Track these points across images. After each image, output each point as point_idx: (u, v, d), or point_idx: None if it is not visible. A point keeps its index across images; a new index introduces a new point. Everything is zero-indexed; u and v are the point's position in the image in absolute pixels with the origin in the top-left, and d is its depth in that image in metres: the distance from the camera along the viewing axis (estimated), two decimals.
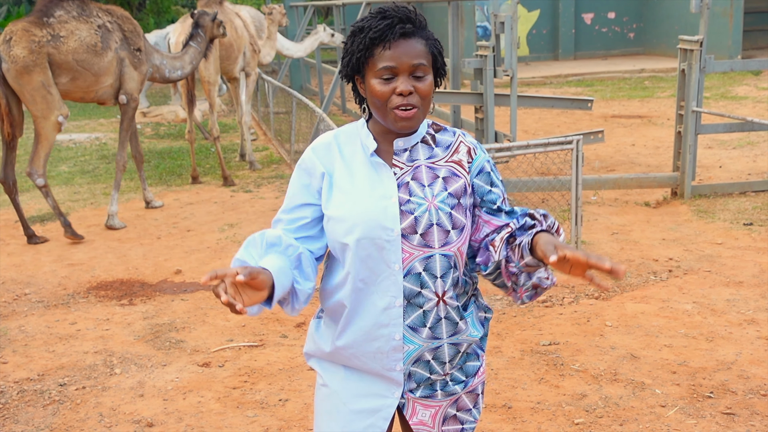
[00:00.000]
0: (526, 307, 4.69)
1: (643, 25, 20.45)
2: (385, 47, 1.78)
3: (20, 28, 6.16)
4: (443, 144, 1.91)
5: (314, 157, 1.90)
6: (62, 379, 4.00)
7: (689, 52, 6.70)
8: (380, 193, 1.83)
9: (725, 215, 6.32)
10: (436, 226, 1.82)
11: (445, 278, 1.85)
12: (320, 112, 7.49)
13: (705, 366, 3.85)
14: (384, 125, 1.85)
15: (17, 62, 6.08)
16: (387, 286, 1.84)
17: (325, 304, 1.96)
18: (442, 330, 1.88)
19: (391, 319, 1.85)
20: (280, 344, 4.33)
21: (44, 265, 5.83)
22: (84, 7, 6.51)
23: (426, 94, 1.81)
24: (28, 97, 6.19)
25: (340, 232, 1.83)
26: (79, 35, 6.35)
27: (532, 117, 11.97)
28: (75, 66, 6.34)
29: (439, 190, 1.84)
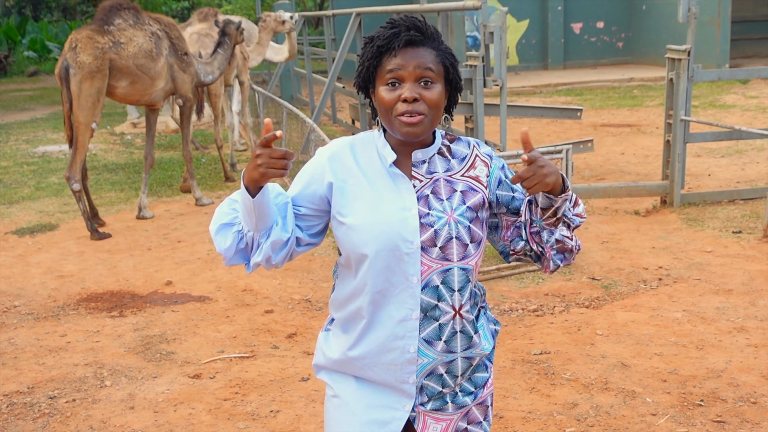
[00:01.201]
0: (517, 316, 4.70)
1: (632, 34, 20.57)
2: (392, 54, 1.78)
3: (84, 36, 6.58)
4: (459, 155, 1.90)
5: (327, 164, 1.88)
6: (52, 391, 3.98)
7: (677, 62, 6.74)
8: (400, 204, 1.82)
9: (714, 223, 6.35)
10: (455, 239, 1.82)
11: (462, 292, 1.85)
12: (311, 123, 7.50)
13: (695, 374, 3.86)
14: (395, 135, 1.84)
15: (83, 68, 6.49)
16: (404, 299, 1.83)
17: (337, 314, 1.95)
18: (457, 344, 1.88)
19: (407, 331, 1.84)
20: (271, 355, 4.32)
21: (34, 277, 5.80)
22: (138, 15, 7.03)
23: (433, 103, 1.78)
24: (81, 101, 6.56)
25: (358, 242, 1.81)
26: (137, 41, 6.85)
27: (521, 126, 12.01)
28: (134, 70, 6.82)
29: (458, 203, 1.84)
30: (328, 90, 10.44)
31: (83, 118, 6.59)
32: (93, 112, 6.62)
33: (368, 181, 1.85)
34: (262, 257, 1.82)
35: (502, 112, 6.80)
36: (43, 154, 11.21)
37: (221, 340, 4.55)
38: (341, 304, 1.93)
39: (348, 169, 1.87)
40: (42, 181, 9.23)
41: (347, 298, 1.90)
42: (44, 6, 40.58)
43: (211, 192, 8.31)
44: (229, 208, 1.87)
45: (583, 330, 4.46)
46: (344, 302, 1.91)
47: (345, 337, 1.92)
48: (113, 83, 6.78)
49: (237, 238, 1.83)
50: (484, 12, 6.47)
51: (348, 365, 1.92)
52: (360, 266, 1.84)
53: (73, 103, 6.57)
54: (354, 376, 1.93)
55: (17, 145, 12.14)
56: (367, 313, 1.85)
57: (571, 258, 1.90)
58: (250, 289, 5.33)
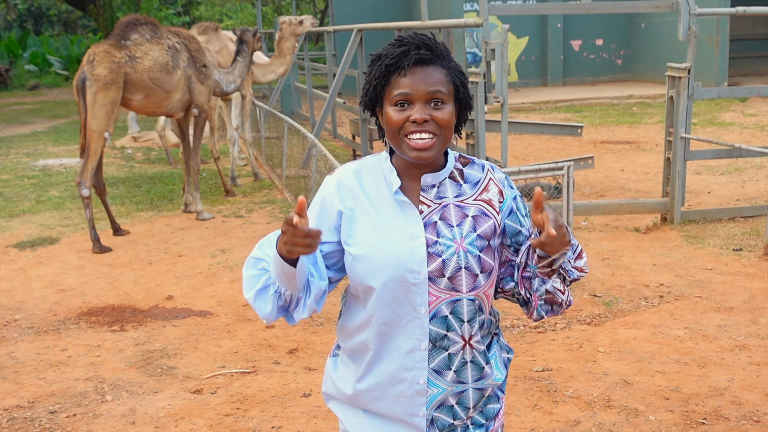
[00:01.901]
0: (518, 333, 4.70)
1: (631, 51, 20.68)
2: (401, 74, 1.72)
3: (102, 50, 6.83)
4: (471, 180, 1.83)
5: (335, 193, 1.83)
6: (53, 406, 3.97)
7: (677, 79, 6.78)
8: (407, 233, 1.76)
9: (715, 241, 6.36)
10: (465, 269, 1.75)
11: (472, 323, 1.80)
12: (312, 138, 7.52)
13: (698, 392, 3.86)
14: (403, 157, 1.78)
15: (99, 80, 6.72)
16: (412, 329, 1.78)
17: (344, 343, 1.91)
18: (468, 374, 1.83)
19: (415, 362, 1.79)
20: (272, 371, 4.31)
21: (34, 291, 5.79)
22: (155, 30, 7.23)
23: (444, 124, 1.73)
24: (95, 111, 6.77)
25: (364, 274, 1.77)
26: (152, 56, 7.05)
27: (521, 143, 12.05)
28: (149, 84, 7.02)
29: (468, 230, 1.77)
30: (328, 105, 10.48)
31: (96, 126, 6.78)
32: (106, 121, 6.79)
33: (374, 209, 1.80)
34: (307, 313, 1.79)
35: (503, 129, 6.83)
36: (44, 167, 11.22)
37: (222, 355, 4.54)
38: (348, 335, 1.88)
39: (355, 196, 1.82)
40: (42, 194, 9.24)
41: (354, 329, 1.85)
42: (46, 20, 40.77)
43: (211, 206, 8.31)
44: (255, 269, 1.80)
45: (584, 347, 4.45)
46: (351, 333, 1.87)
47: (354, 367, 1.88)
48: (129, 96, 6.98)
49: (275, 299, 1.77)
50: (486, 29, 6.51)
51: (357, 398, 1.87)
52: (367, 297, 1.79)
53: (87, 113, 6.78)
54: (363, 410, 1.88)
55: (18, 158, 12.15)
56: (373, 345, 1.81)
57: (559, 312, 1.83)
58: (251, 305, 5.31)
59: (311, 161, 7.33)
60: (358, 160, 1.90)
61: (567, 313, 4.99)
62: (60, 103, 21.41)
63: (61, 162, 11.67)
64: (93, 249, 6.76)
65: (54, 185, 9.80)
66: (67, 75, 29.13)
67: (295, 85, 16.08)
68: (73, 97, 20.70)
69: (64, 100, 22.31)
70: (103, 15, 23.07)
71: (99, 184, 7.21)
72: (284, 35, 9.47)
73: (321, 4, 29.45)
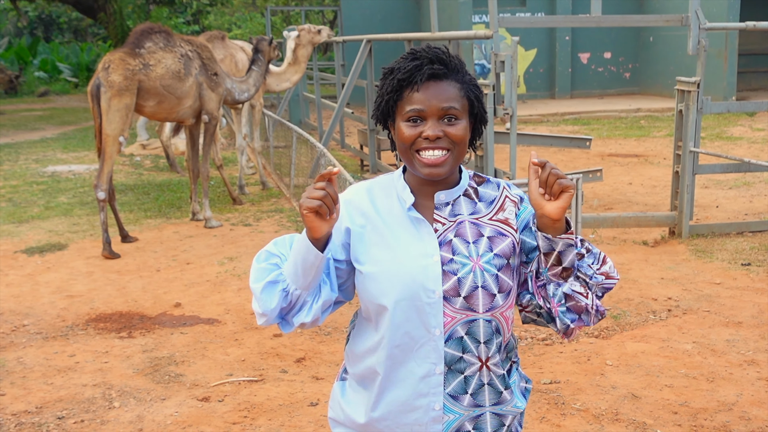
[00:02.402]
0: (526, 345, 4.69)
1: (639, 65, 20.70)
2: (414, 89, 1.68)
3: (117, 58, 7.01)
4: (487, 198, 1.78)
5: (343, 210, 1.76)
6: (60, 412, 3.97)
7: (686, 93, 6.78)
8: (420, 251, 1.70)
9: (723, 255, 6.35)
10: (481, 288, 1.68)
11: (489, 344, 1.72)
12: (321, 147, 7.54)
13: (706, 407, 3.84)
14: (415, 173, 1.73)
15: (113, 86, 6.89)
16: (426, 353, 1.70)
17: (352, 368, 1.84)
18: (485, 397, 1.74)
19: (430, 388, 1.72)
20: (280, 379, 4.31)
21: (43, 297, 5.81)
22: (169, 38, 7.40)
23: (458, 139, 1.68)
24: (110, 116, 6.92)
25: (376, 292, 1.70)
26: (165, 63, 7.20)
27: (529, 155, 12.04)
28: (161, 90, 7.18)
29: (485, 249, 1.70)
30: (337, 115, 10.51)
31: (111, 131, 6.94)
32: (121, 126, 6.95)
33: (387, 227, 1.74)
34: (311, 318, 1.71)
35: (512, 141, 6.84)
36: (53, 173, 11.27)
37: (230, 363, 4.54)
38: (357, 359, 1.81)
39: (365, 214, 1.77)
40: (51, 200, 9.28)
41: (363, 353, 1.79)
42: (56, 27, 41.02)
43: (219, 215, 8.33)
44: (268, 263, 1.74)
45: (592, 360, 4.45)
46: (360, 357, 1.80)
47: (365, 394, 1.80)
48: (142, 102, 7.13)
49: (281, 297, 1.70)
50: (495, 41, 6.53)
51: (369, 428, 1.79)
52: (379, 318, 1.73)
53: (103, 118, 6.93)
54: None
55: (27, 164, 12.21)
56: (383, 369, 1.73)
57: (589, 321, 1.70)
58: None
59: (320, 170, 7.35)
60: (370, 180, 1.86)
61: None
62: (69, 110, 21.53)
63: (70, 168, 11.72)
64: (102, 252, 6.82)
65: (63, 191, 9.84)
66: (76, 82, 29.31)
67: (304, 95, 16.14)
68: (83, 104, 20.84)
69: (73, 107, 22.42)
70: (113, 23, 23.20)
71: (108, 191, 7.24)
72: (302, 42, 9.39)
73: (330, 15, 29.58)
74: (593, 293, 1.71)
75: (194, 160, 7.95)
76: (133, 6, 24.19)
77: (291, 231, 7.52)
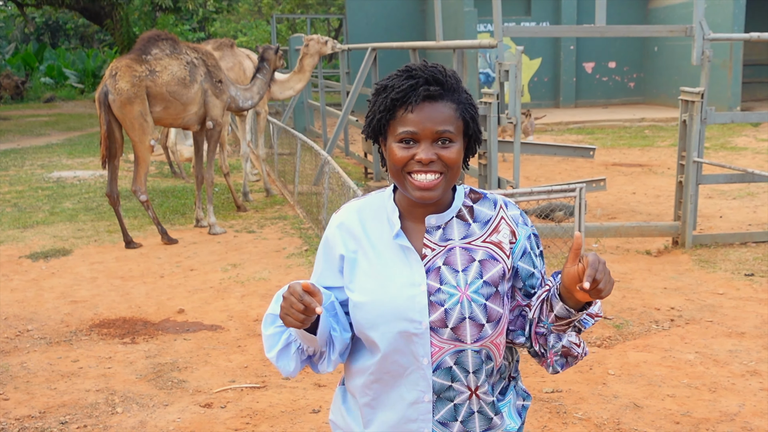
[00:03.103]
0: (527, 354, 4.69)
1: (644, 75, 20.73)
2: (408, 110, 1.62)
3: (124, 65, 7.11)
4: (482, 219, 1.73)
5: (337, 235, 1.76)
6: (63, 417, 3.99)
7: (690, 104, 6.80)
8: (407, 279, 1.67)
9: (726, 265, 6.35)
10: (469, 319, 1.65)
11: (478, 374, 1.70)
12: (325, 155, 7.57)
13: (708, 417, 3.84)
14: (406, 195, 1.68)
15: (121, 94, 7.02)
16: (415, 380, 1.70)
17: (347, 379, 1.84)
18: (475, 424, 1.73)
19: (419, 414, 1.71)
20: (282, 386, 4.32)
21: (47, 302, 5.83)
22: (175, 45, 7.51)
23: (452, 162, 1.64)
24: (128, 124, 7.12)
25: (364, 323, 1.70)
26: (171, 70, 7.31)
27: (533, 164, 12.07)
28: (167, 96, 7.28)
29: (474, 277, 1.67)
30: (341, 123, 10.54)
31: (137, 138, 7.17)
32: (144, 131, 7.15)
33: (375, 252, 1.71)
34: (333, 368, 1.74)
35: (516, 150, 6.85)
36: (58, 179, 11.31)
37: (233, 370, 4.55)
38: (350, 374, 1.81)
39: (356, 239, 1.74)
40: (56, 206, 9.31)
41: (356, 371, 1.78)
42: (62, 33, 41.21)
43: (223, 221, 8.36)
44: (274, 327, 1.75)
45: (594, 369, 4.45)
46: (353, 373, 1.80)
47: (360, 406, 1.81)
48: (149, 108, 7.23)
49: (298, 356, 1.72)
50: (500, 50, 6.55)
51: None
52: (369, 344, 1.73)
53: (125, 128, 7.16)
54: None
55: (32, 169, 12.26)
56: (373, 392, 1.74)
57: (574, 363, 1.73)
58: (261, 320, 5.33)
59: (324, 178, 7.37)
60: (362, 198, 1.82)
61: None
62: (75, 116, 21.61)
63: (75, 174, 11.76)
64: (162, 240, 7.43)
65: (68, 197, 9.88)
66: (82, 88, 29.43)
67: (309, 102, 16.19)
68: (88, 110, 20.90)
69: (79, 113, 22.51)
70: (119, 30, 23.31)
71: (113, 194, 7.32)
72: (309, 52, 9.41)
73: (335, 23, 29.68)
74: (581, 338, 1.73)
75: (198, 166, 7.99)
76: (139, 13, 24.31)
77: (294, 238, 7.54)
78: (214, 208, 8.16)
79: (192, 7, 23.17)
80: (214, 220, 7.90)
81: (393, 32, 20.75)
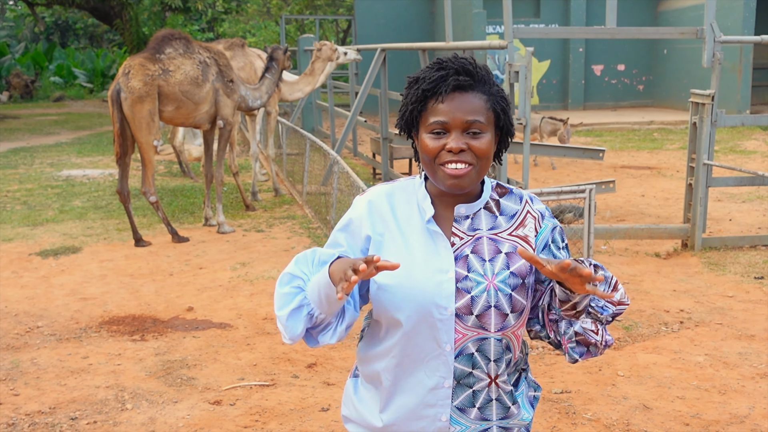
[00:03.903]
0: (537, 354, 4.69)
1: (653, 77, 20.68)
2: (438, 100, 1.65)
3: (137, 63, 7.13)
4: (508, 212, 1.75)
5: (366, 216, 1.76)
6: (74, 413, 4.00)
7: (701, 106, 6.78)
8: (436, 266, 1.68)
9: (736, 268, 6.33)
10: (494, 308, 1.67)
11: (499, 362, 1.72)
12: (334, 155, 7.58)
13: (718, 419, 3.83)
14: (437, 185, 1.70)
15: (134, 92, 7.02)
16: (436, 366, 1.71)
17: (362, 368, 1.85)
18: (492, 412, 1.75)
19: (438, 399, 1.72)
20: (291, 384, 4.33)
21: (57, 299, 5.86)
22: (188, 45, 7.53)
23: (482, 153, 1.65)
24: (137, 123, 7.10)
25: (389, 305, 1.69)
26: (184, 69, 7.33)
27: (541, 166, 12.06)
28: (180, 96, 7.31)
29: (501, 267, 1.69)
30: (350, 124, 10.55)
31: (143, 138, 7.16)
32: (150, 131, 7.15)
33: (403, 238, 1.72)
34: (336, 339, 1.72)
35: (525, 151, 6.85)
36: (67, 177, 11.35)
37: (241, 368, 4.56)
38: (367, 361, 1.82)
39: (385, 221, 1.75)
40: (66, 204, 9.35)
41: (374, 356, 1.79)
42: (72, 33, 41.36)
43: (232, 220, 8.38)
44: (290, 287, 1.72)
45: (604, 370, 4.44)
46: (370, 359, 1.81)
47: (374, 396, 1.81)
48: (160, 107, 7.26)
49: (307, 321, 1.69)
50: (510, 51, 6.55)
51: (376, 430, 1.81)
52: (390, 328, 1.74)
53: (131, 126, 7.13)
54: None
55: (42, 168, 12.31)
56: (392, 376, 1.75)
57: (597, 353, 1.71)
58: (270, 318, 5.35)
59: (333, 178, 7.38)
60: (392, 182, 1.83)
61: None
62: (84, 115, 21.69)
63: (84, 173, 11.81)
64: (173, 240, 7.45)
65: (77, 195, 9.92)
66: (91, 87, 29.53)
67: (317, 103, 16.21)
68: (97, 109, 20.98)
69: (88, 112, 22.60)
70: (129, 29, 23.39)
71: (123, 192, 7.36)
72: (321, 56, 9.48)
73: (344, 24, 29.70)
74: (603, 327, 1.71)
75: (208, 165, 8.01)
76: (149, 13, 24.39)
77: (303, 237, 7.55)
78: (223, 207, 8.17)
79: (201, 7, 23.23)
80: (223, 219, 7.92)
81: (402, 33, 20.77)
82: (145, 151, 7.22)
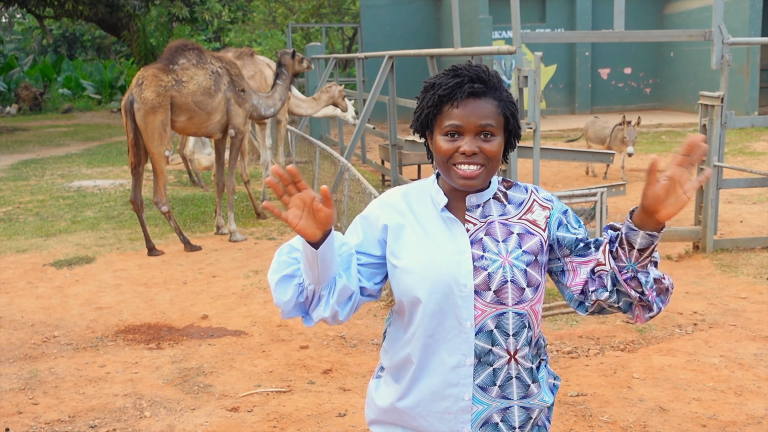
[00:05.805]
0: (552, 358, 4.70)
1: (660, 80, 20.67)
2: (453, 105, 1.76)
3: (150, 74, 7.18)
4: (515, 201, 1.87)
5: (378, 209, 1.88)
6: (93, 421, 4.03)
7: (710, 108, 6.79)
8: (454, 248, 1.79)
9: (748, 270, 6.32)
10: (511, 283, 1.76)
11: (517, 336, 1.80)
12: (345, 162, 7.61)
13: (735, 420, 3.84)
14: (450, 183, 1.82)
15: (146, 103, 7.08)
16: (457, 344, 1.78)
17: (388, 362, 1.92)
18: (513, 390, 1.82)
19: (460, 378, 1.79)
20: (307, 390, 4.35)
21: (72, 309, 5.90)
22: (201, 55, 7.60)
23: (493, 155, 1.77)
24: (149, 134, 7.16)
25: (411, 283, 1.79)
26: (197, 80, 7.38)
27: (550, 169, 12.06)
28: (193, 107, 7.36)
29: (514, 246, 1.80)
30: (359, 131, 10.57)
31: (155, 148, 7.20)
32: (162, 142, 7.20)
33: (421, 227, 1.84)
34: (329, 312, 1.77)
35: (535, 155, 6.86)
36: (78, 188, 11.42)
37: (258, 374, 4.59)
38: (393, 352, 1.89)
39: (402, 214, 1.86)
40: (78, 215, 9.41)
41: (399, 346, 1.87)
42: (79, 45, 41.60)
43: (243, 228, 8.42)
44: (288, 256, 1.80)
45: (619, 373, 4.45)
46: (397, 350, 1.88)
47: (396, 387, 1.88)
48: (173, 117, 7.32)
49: (297, 291, 1.77)
50: (519, 56, 6.57)
51: (399, 415, 1.87)
52: (413, 310, 1.81)
53: (143, 136, 7.18)
54: (406, 428, 1.88)
55: (53, 179, 12.39)
56: (417, 359, 1.82)
57: (667, 299, 1.77)
58: (285, 325, 5.38)
59: (343, 185, 7.41)
60: (407, 185, 1.95)
61: (600, 339, 4.99)
62: (93, 126, 21.81)
63: (95, 183, 11.88)
64: (185, 249, 7.51)
65: (89, 206, 9.98)
66: (99, 99, 29.69)
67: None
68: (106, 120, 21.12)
69: (96, 124, 22.72)
70: (136, 41, 23.52)
71: (137, 201, 7.41)
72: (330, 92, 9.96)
73: (349, 32, 29.79)
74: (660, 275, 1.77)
75: (219, 173, 8.06)
76: (156, 24, 24.52)
77: None
78: (234, 216, 8.21)
79: (208, 17, 23.33)
80: (234, 228, 7.96)
81: (408, 40, 20.83)
82: (157, 161, 7.26)
